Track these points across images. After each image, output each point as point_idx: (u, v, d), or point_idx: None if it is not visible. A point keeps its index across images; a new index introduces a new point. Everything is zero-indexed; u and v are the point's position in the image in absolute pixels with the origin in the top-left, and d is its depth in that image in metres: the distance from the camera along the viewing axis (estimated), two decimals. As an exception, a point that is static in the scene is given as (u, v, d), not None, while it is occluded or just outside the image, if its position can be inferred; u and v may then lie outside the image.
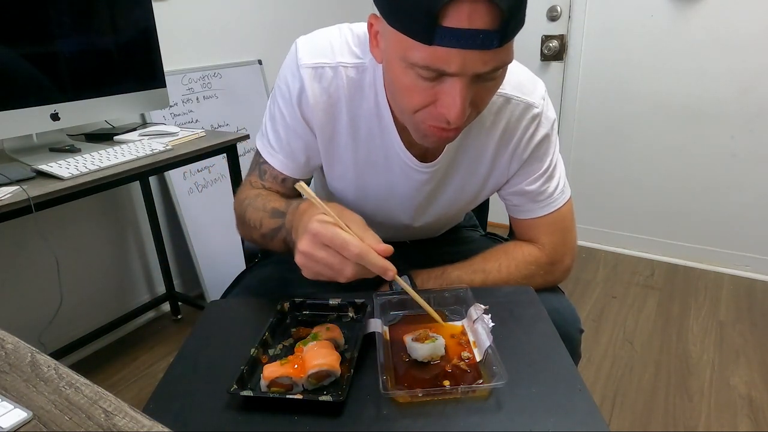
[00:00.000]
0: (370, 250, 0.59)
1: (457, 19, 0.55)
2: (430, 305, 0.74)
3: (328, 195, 0.98)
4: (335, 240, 0.59)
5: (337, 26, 0.80)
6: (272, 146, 0.84)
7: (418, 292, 0.69)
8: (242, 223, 0.85)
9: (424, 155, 0.81)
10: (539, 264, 0.85)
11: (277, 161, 0.85)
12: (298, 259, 0.63)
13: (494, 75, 0.62)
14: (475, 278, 0.83)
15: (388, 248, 0.61)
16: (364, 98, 0.78)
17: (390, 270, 0.60)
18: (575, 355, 0.84)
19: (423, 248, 1.04)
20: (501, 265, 0.84)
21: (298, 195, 0.90)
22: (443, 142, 0.73)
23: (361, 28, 0.78)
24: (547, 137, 0.81)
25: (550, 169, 0.84)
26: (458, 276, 0.83)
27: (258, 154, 0.88)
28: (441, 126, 0.65)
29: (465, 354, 0.63)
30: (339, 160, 0.84)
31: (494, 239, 1.08)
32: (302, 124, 0.80)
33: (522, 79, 0.80)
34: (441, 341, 0.64)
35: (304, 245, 0.61)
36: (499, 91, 0.77)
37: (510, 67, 0.78)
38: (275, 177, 0.86)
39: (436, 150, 0.81)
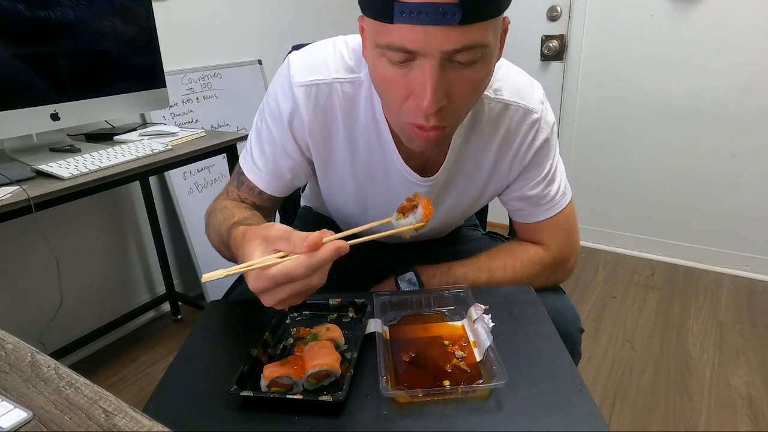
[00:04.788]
0: (311, 256, 0.52)
1: None
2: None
3: (326, 210, 0.97)
4: (278, 279, 0.53)
5: (331, 40, 0.78)
6: (256, 165, 0.82)
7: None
8: (210, 239, 0.83)
9: (424, 168, 0.80)
10: (544, 264, 0.85)
11: (261, 180, 0.82)
12: (272, 309, 0.57)
13: (470, 59, 0.58)
14: (480, 276, 0.83)
15: (319, 235, 0.53)
16: (360, 112, 0.76)
17: (342, 247, 0.53)
18: (576, 354, 0.84)
19: (424, 247, 1.04)
20: (506, 264, 0.84)
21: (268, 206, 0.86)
22: (428, 144, 0.68)
23: (356, 40, 0.77)
24: (546, 142, 0.80)
25: (551, 173, 0.83)
26: (464, 273, 0.83)
27: (240, 169, 0.85)
28: (420, 123, 0.63)
29: (459, 353, 0.63)
30: (337, 175, 0.83)
31: (495, 238, 1.08)
32: (292, 144, 0.78)
33: (519, 83, 0.78)
34: (420, 211, 0.62)
35: (266, 302, 0.56)
36: (497, 97, 0.76)
37: (506, 70, 0.77)
38: (251, 189, 0.83)
39: (435, 163, 0.80)
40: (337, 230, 0.57)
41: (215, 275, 0.54)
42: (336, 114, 0.76)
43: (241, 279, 0.96)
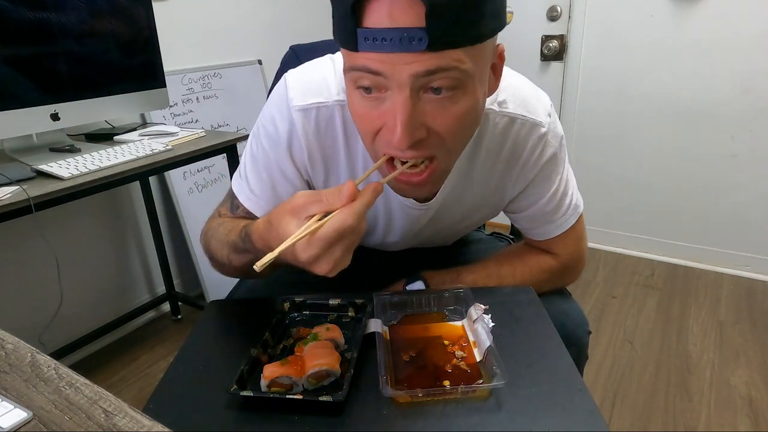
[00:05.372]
0: (353, 204, 0.52)
1: (376, 18, 0.50)
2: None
3: None
4: (331, 237, 0.51)
5: (329, 57, 0.75)
6: (253, 192, 0.77)
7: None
8: (210, 258, 0.79)
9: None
10: (553, 272, 0.84)
11: (259, 208, 0.77)
12: (332, 275, 0.55)
13: (447, 85, 0.53)
14: (489, 283, 0.82)
15: (351, 183, 0.53)
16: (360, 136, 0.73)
17: (378, 187, 0.54)
18: (583, 356, 0.84)
19: (429, 251, 1.03)
20: (515, 272, 0.83)
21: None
22: (414, 190, 0.64)
23: None
24: (554, 157, 0.76)
25: (562, 187, 0.80)
26: (473, 281, 0.82)
27: (233, 193, 0.81)
28: (394, 153, 0.58)
29: (459, 353, 0.63)
30: None
31: (499, 238, 1.07)
32: (292, 168, 0.75)
33: (525, 95, 0.74)
34: None
35: (322, 269, 0.54)
36: (502, 110, 0.72)
37: (510, 80, 0.72)
38: (248, 214, 0.79)
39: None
40: None
41: (268, 258, 0.52)
42: (337, 136, 0.73)
43: (242, 280, 0.96)
